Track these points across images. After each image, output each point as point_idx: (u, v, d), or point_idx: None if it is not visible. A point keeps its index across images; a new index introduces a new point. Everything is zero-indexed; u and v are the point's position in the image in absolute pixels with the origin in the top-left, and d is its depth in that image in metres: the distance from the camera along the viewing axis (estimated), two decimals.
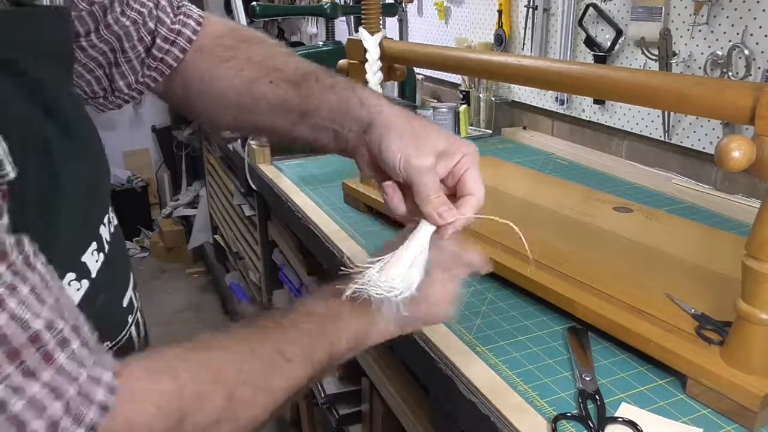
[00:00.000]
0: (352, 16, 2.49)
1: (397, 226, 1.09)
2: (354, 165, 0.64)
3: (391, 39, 1.05)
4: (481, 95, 1.74)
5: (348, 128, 0.61)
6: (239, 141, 1.66)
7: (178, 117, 3.34)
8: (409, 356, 0.84)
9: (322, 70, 0.65)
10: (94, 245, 0.48)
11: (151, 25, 0.66)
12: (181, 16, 0.68)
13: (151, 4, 0.66)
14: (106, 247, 0.50)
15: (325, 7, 1.71)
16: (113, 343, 0.52)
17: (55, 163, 0.43)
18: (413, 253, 0.56)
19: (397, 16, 2.20)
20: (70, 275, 0.45)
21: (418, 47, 1.00)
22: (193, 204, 3.54)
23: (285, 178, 1.41)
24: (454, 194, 0.58)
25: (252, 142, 1.53)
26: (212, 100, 0.69)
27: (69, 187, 0.44)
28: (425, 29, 2.15)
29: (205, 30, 0.70)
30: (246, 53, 0.68)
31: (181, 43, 0.67)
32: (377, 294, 0.54)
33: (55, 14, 0.50)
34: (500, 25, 1.71)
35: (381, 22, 1.12)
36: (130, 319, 0.55)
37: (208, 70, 0.68)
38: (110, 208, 0.53)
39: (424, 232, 0.57)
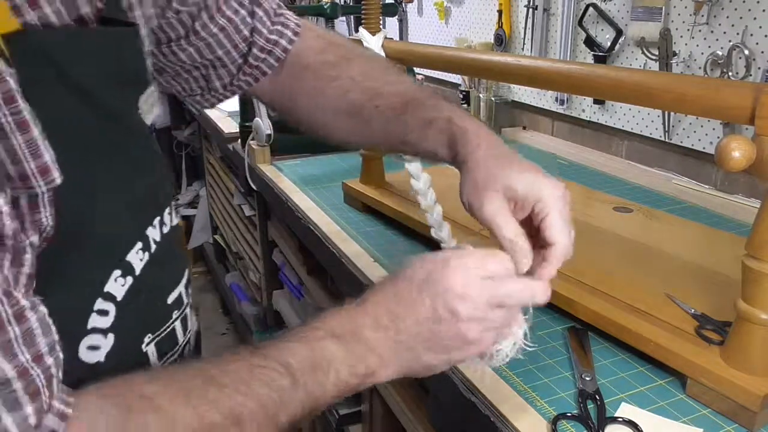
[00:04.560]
0: (352, 16, 2.49)
1: (396, 224, 1.10)
2: (353, 165, 0.64)
3: (391, 39, 1.05)
4: (481, 95, 1.74)
5: (450, 162, 0.62)
6: (239, 141, 1.66)
7: (178, 117, 3.33)
8: None
9: (420, 97, 0.66)
10: (139, 245, 0.51)
11: (246, 33, 0.68)
12: (279, 26, 0.70)
13: (244, 12, 0.67)
14: (153, 247, 0.53)
15: (325, 7, 1.71)
16: (154, 335, 0.54)
17: (99, 174, 0.46)
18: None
19: (397, 16, 2.20)
20: (116, 272, 0.49)
21: (418, 47, 1.00)
22: (193, 204, 3.53)
23: (285, 178, 1.41)
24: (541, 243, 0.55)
25: (252, 142, 1.53)
26: (322, 116, 0.72)
27: (115, 196, 0.48)
28: (425, 29, 2.15)
29: (305, 44, 0.71)
30: (348, 72, 0.70)
31: (277, 53, 0.70)
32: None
33: (131, 35, 0.52)
34: (500, 25, 1.71)
35: (381, 22, 1.12)
36: (175, 315, 0.57)
37: (317, 89, 0.71)
38: (167, 211, 0.56)
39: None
